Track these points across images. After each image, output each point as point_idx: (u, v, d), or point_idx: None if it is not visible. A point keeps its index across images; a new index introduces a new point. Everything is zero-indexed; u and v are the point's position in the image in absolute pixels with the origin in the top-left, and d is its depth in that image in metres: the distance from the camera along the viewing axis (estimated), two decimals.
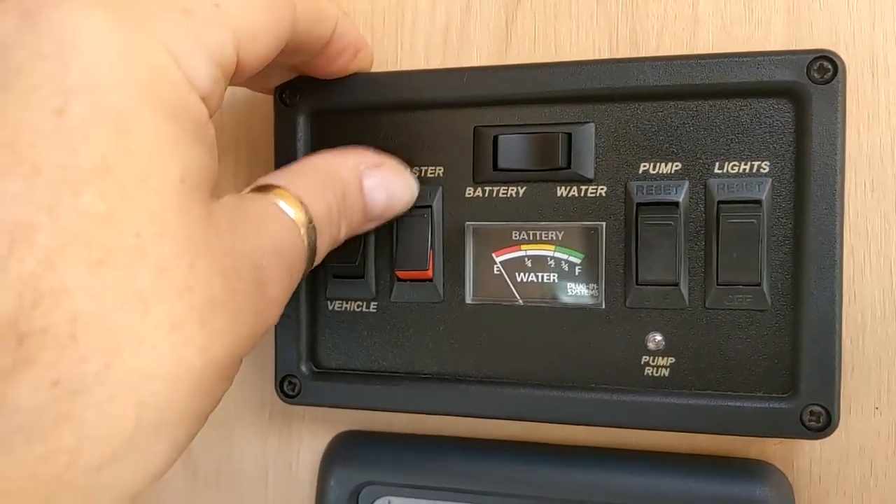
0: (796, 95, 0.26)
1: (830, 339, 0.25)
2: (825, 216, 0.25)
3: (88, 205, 0.16)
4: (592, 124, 0.28)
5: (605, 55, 0.30)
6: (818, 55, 0.25)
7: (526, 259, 0.29)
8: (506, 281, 0.29)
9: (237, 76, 0.22)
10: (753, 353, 0.27)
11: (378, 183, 0.27)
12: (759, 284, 0.26)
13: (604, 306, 0.28)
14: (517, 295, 0.29)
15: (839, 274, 0.25)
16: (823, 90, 0.25)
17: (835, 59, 0.25)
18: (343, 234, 0.25)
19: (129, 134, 0.17)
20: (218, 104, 0.21)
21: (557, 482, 0.30)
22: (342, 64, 0.28)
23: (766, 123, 0.26)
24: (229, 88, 0.23)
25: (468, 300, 0.29)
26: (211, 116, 0.21)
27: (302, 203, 0.23)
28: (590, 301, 0.28)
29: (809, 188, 0.26)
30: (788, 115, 0.26)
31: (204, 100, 0.20)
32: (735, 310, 0.27)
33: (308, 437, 0.34)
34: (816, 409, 0.26)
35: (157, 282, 0.17)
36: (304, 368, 0.30)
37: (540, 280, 0.29)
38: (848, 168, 0.28)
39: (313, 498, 0.33)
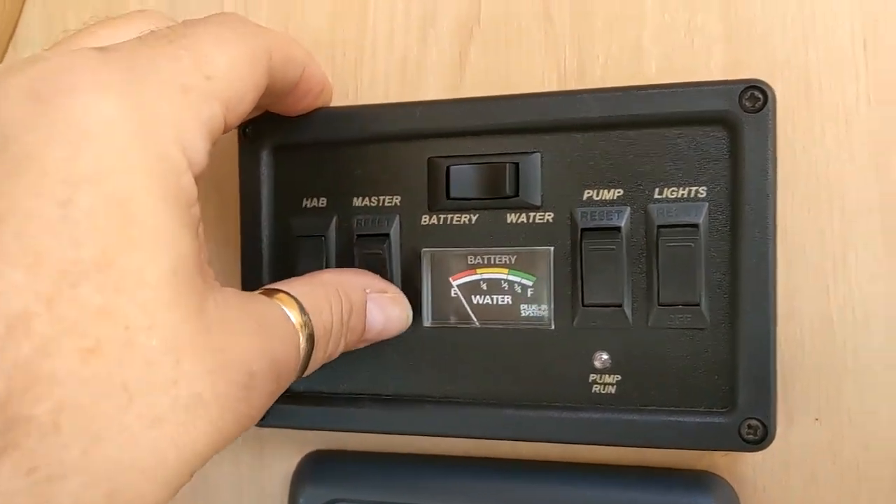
0: (729, 123, 0.27)
1: (765, 355, 0.27)
2: (758, 238, 0.27)
3: (85, 297, 0.17)
4: (539, 154, 0.29)
5: (554, 86, 0.31)
6: (749, 85, 0.27)
7: (481, 282, 0.31)
8: (462, 303, 0.31)
9: (224, 133, 0.23)
10: (694, 370, 0.28)
11: (380, 308, 0.28)
12: (698, 304, 0.28)
13: (553, 327, 0.29)
14: (474, 317, 0.30)
15: (772, 293, 0.27)
16: (754, 118, 0.27)
17: (765, 88, 0.26)
18: (339, 351, 0.26)
19: (133, 226, 0.18)
20: (203, 171, 0.21)
21: (515, 496, 0.31)
22: (308, 102, 0.30)
23: (702, 150, 0.28)
24: None
25: (426, 323, 0.31)
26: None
27: (307, 314, 0.24)
28: (541, 322, 0.29)
29: (743, 211, 0.27)
30: (723, 142, 0.27)
31: (198, 177, 0.21)
32: (676, 329, 0.28)
33: (279, 457, 0.35)
34: (754, 422, 0.27)
35: (143, 375, 0.17)
36: None
37: (495, 302, 0.30)
38: (785, 188, 0.29)
39: None
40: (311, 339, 0.24)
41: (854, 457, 0.29)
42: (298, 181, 0.31)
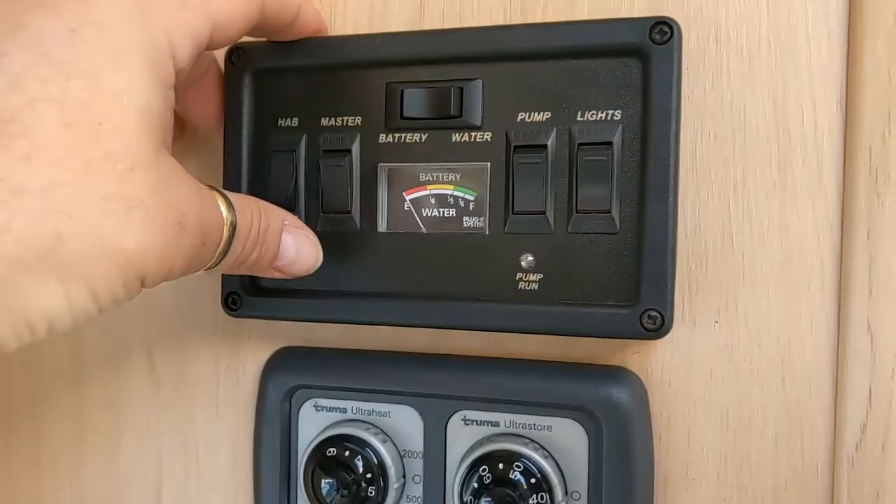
0: (641, 54, 0.31)
1: (664, 256, 0.31)
2: (662, 155, 0.31)
3: (73, 89, 0.22)
4: (480, 80, 0.33)
5: (500, 23, 0.35)
6: (658, 20, 0.31)
7: (431, 197, 0.35)
8: (413, 215, 0.35)
9: (207, 49, 0.28)
10: (606, 269, 0.32)
11: (294, 239, 0.32)
12: (609, 211, 0.32)
13: (488, 232, 0.34)
14: (422, 226, 0.35)
15: (673, 202, 0.31)
16: (662, 50, 0.31)
17: (671, 23, 0.31)
18: (251, 259, 0.30)
19: (121, 65, 0.23)
20: (187, 75, 0.27)
21: (453, 382, 0.35)
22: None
23: (618, 78, 0.32)
24: None
25: (381, 229, 0.35)
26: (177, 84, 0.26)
27: (232, 210, 0.28)
28: (478, 228, 0.34)
29: (650, 131, 0.31)
30: (636, 71, 0.32)
31: (177, 73, 0.26)
32: (591, 233, 0.32)
33: (252, 352, 0.40)
34: (653, 313, 0.31)
35: (103, 161, 0.22)
36: (245, 286, 0.36)
37: (442, 214, 0.35)
38: (695, 120, 0.33)
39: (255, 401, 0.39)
40: (232, 229, 0.28)
41: (748, 354, 0.33)
42: (275, 103, 0.36)
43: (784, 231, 0.33)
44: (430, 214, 0.35)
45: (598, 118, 0.32)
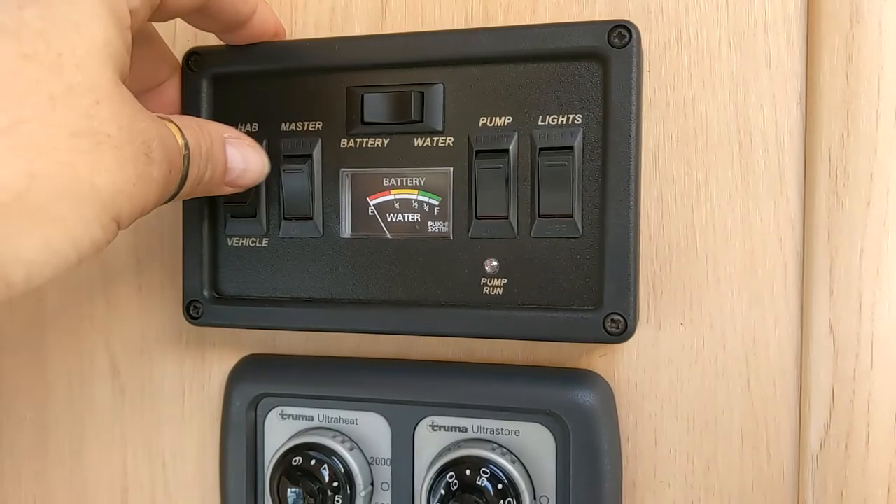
0: (601, 58, 0.31)
1: (626, 259, 0.31)
2: (622, 158, 0.31)
3: (29, 18, 0.21)
4: (441, 85, 0.33)
5: (462, 26, 0.35)
6: (616, 24, 0.31)
7: (395, 202, 0.35)
8: (377, 220, 0.35)
9: (159, 14, 0.27)
10: (569, 273, 0.32)
11: (238, 150, 0.31)
12: (571, 216, 0.32)
13: (452, 238, 0.33)
14: (387, 231, 0.35)
15: (634, 205, 0.31)
16: (621, 53, 0.31)
17: (630, 27, 0.31)
18: (207, 176, 0.29)
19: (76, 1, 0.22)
20: (140, 23, 0.26)
21: (420, 389, 0.35)
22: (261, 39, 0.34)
23: (578, 82, 0.32)
24: None
25: (344, 235, 0.35)
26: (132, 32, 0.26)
27: (182, 133, 0.28)
28: (442, 234, 0.34)
29: (610, 135, 0.31)
30: (596, 75, 0.31)
31: (132, 13, 0.25)
32: (554, 238, 0.32)
33: (217, 360, 0.39)
34: (616, 317, 0.31)
35: (67, 96, 0.21)
36: (206, 294, 0.36)
37: (406, 219, 0.34)
38: (658, 122, 0.33)
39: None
40: (187, 149, 0.27)
41: (713, 356, 0.33)
42: (234, 107, 0.36)
43: (747, 233, 0.33)
44: (394, 219, 0.35)
45: (559, 122, 0.32)
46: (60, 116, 0.21)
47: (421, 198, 0.34)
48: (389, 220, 0.35)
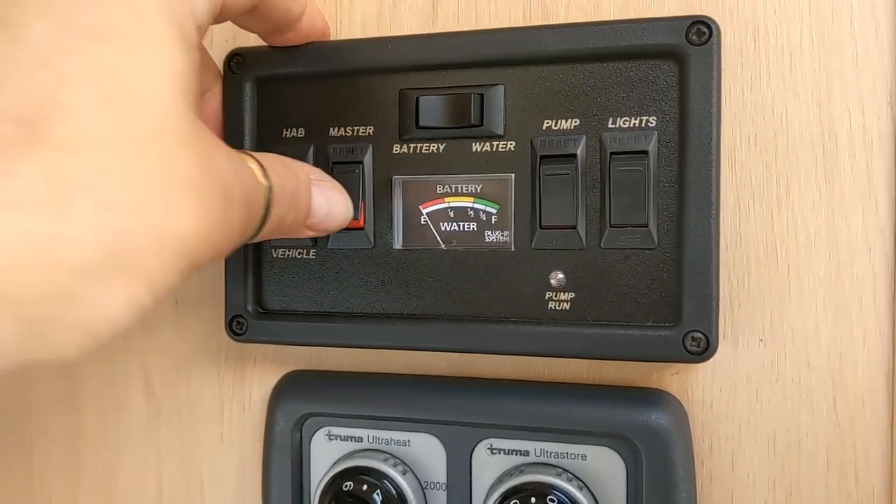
0: (677, 56, 0.29)
1: (708, 272, 0.28)
2: (702, 163, 0.28)
3: (105, 56, 0.19)
4: (502, 86, 0.31)
5: (520, 24, 0.33)
6: (695, 20, 0.28)
7: (449, 210, 0.33)
8: (431, 230, 0.33)
9: (217, 18, 0.26)
10: (643, 287, 0.30)
11: (323, 192, 0.29)
12: (646, 225, 0.29)
13: (513, 248, 0.31)
14: (441, 241, 0.32)
15: (715, 215, 0.29)
16: (700, 51, 0.28)
17: (710, 23, 0.28)
18: (289, 220, 0.28)
19: (143, 18, 0.21)
20: (202, 37, 0.24)
21: (477, 409, 0.33)
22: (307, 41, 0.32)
23: (652, 82, 0.29)
24: None
25: (396, 246, 0.33)
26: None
27: (265, 173, 0.26)
28: (502, 244, 0.31)
29: (689, 139, 0.29)
30: (672, 74, 0.29)
31: (197, 29, 0.23)
32: (626, 249, 0.30)
33: (259, 377, 0.37)
34: (697, 335, 0.29)
35: (149, 142, 0.20)
36: (250, 309, 0.34)
37: (461, 228, 0.32)
38: (734, 124, 0.31)
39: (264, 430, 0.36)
40: (270, 191, 0.26)
41: (796, 375, 0.31)
42: (279, 112, 0.33)
43: (832, 242, 0.30)
44: (448, 229, 0.32)
45: (632, 125, 0.30)
46: (143, 166, 0.19)
47: (477, 206, 0.32)
48: (443, 229, 0.33)
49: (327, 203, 0.29)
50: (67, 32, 0.19)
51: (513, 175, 0.31)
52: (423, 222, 0.33)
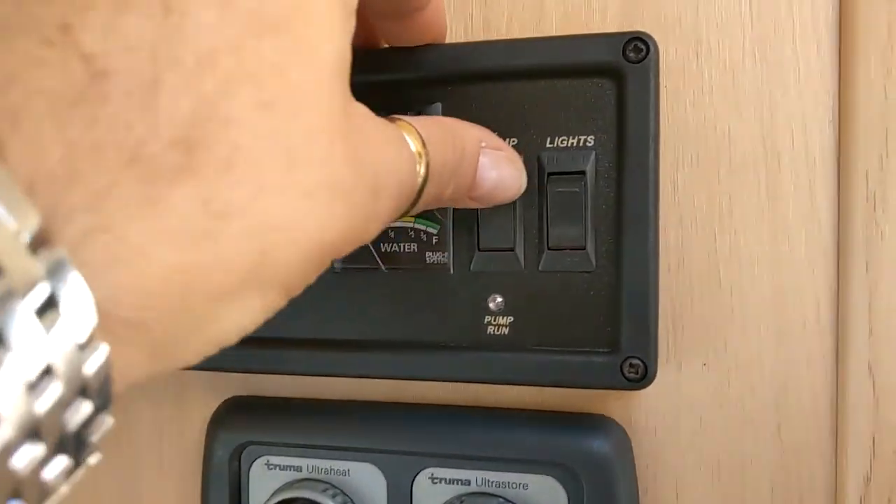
0: (614, 74, 0.28)
1: (646, 297, 0.28)
2: (640, 184, 0.28)
3: (267, 52, 0.17)
4: (439, 104, 0.30)
5: (461, 38, 0.32)
6: (632, 36, 0.28)
7: (389, 231, 0.32)
8: (370, 250, 0.32)
9: None
10: (581, 312, 0.29)
11: (493, 163, 0.27)
12: (584, 248, 0.29)
13: (452, 271, 0.30)
14: (380, 262, 0.32)
15: (654, 237, 0.28)
16: (637, 68, 0.28)
17: (647, 40, 0.28)
18: (448, 193, 0.25)
19: (311, 9, 0.18)
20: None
21: (418, 436, 0.32)
22: (418, 41, 0.29)
23: (590, 100, 0.29)
24: None
25: (333, 267, 0.32)
26: None
27: (424, 145, 0.23)
28: (441, 266, 0.31)
29: (626, 159, 0.28)
30: (610, 92, 0.28)
31: None
32: (564, 272, 0.29)
33: (199, 402, 0.36)
34: (635, 361, 0.28)
35: (304, 144, 0.17)
36: None
37: (402, 249, 0.31)
38: (676, 143, 0.30)
39: None
40: (427, 168, 0.23)
41: (740, 400, 0.30)
42: None
43: (775, 264, 0.30)
44: (388, 249, 0.32)
45: (569, 144, 0.29)
46: (297, 175, 0.17)
47: (418, 226, 0.31)
48: (383, 249, 0.32)
49: (497, 175, 0.27)
50: (234, 23, 0.16)
51: None
52: None
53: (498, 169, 0.27)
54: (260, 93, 0.17)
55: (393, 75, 0.30)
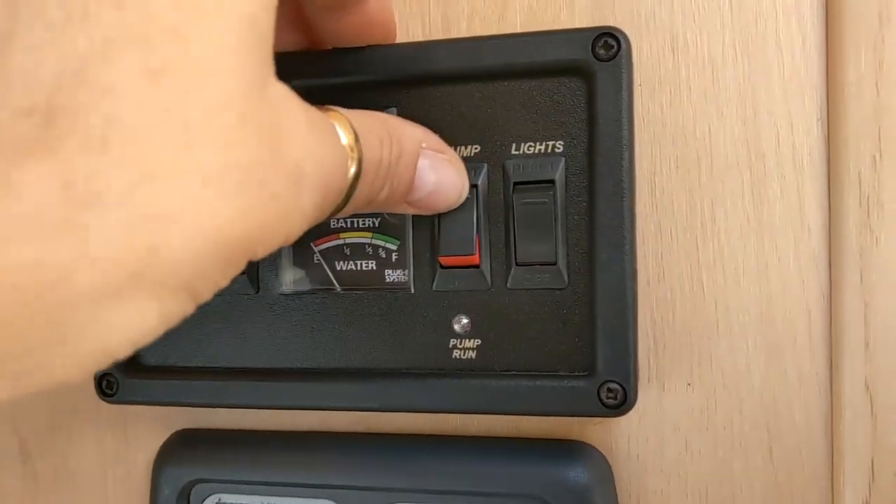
0: (584, 73, 0.26)
1: (623, 315, 0.25)
2: (613, 192, 0.25)
3: (159, 11, 0.14)
4: (394, 108, 0.28)
5: (418, 37, 0.30)
6: (602, 32, 0.25)
7: (344, 247, 0.29)
8: (325, 269, 0.29)
9: None
10: (554, 332, 0.27)
11: (433, 166, 0.25)
12: (555, 263, 0.26)
13: (413, 290, 0.28)
14: (336, 283, 0.29)
15: (630, 249, 0.25)
16: (608, 66, 0.25)
17: (618, 35, 0.25)
18: (383, 196, 0.23)
19: None
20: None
21: (381, 470, 0.29)
22: (364, 39, 0.27)
23: (558, 102, 0.26)
24: None
25: (285, 290, 0.29)
26: None
27: (357, 139, 0.21)
28: (402, 284, 0.28)
29: (598, 165, 0.25)
30: (579, 92, 0.26)
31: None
32: (534, 289, 0.27)
33: (144, 436, 0.33)
34: (613, 386, 0.25)
35: (205, 121, 0.15)
36: (121, 365, 0.30)
37: (359, 267, 0.29)
38: (653, 145, 0.28)
39: None
40: (359, 165, 0.21)
41: (728, 422, 0.28)
42: None
43: (762, 273, 0.27)
44: (344, 268, 0.29)
45: (537, 151, 0.27)
46: (195, 158, 0.15)
47: (376, 242, 0.29)
48: (339, 268, 0.29)
49: (436, 178, 0.24)
50: None
51: None
52: (315, 261, 0.29)
53: (438, 172, 0.25)
54: (148, 58, 0.14)
55: (340, 79, 0.27)
